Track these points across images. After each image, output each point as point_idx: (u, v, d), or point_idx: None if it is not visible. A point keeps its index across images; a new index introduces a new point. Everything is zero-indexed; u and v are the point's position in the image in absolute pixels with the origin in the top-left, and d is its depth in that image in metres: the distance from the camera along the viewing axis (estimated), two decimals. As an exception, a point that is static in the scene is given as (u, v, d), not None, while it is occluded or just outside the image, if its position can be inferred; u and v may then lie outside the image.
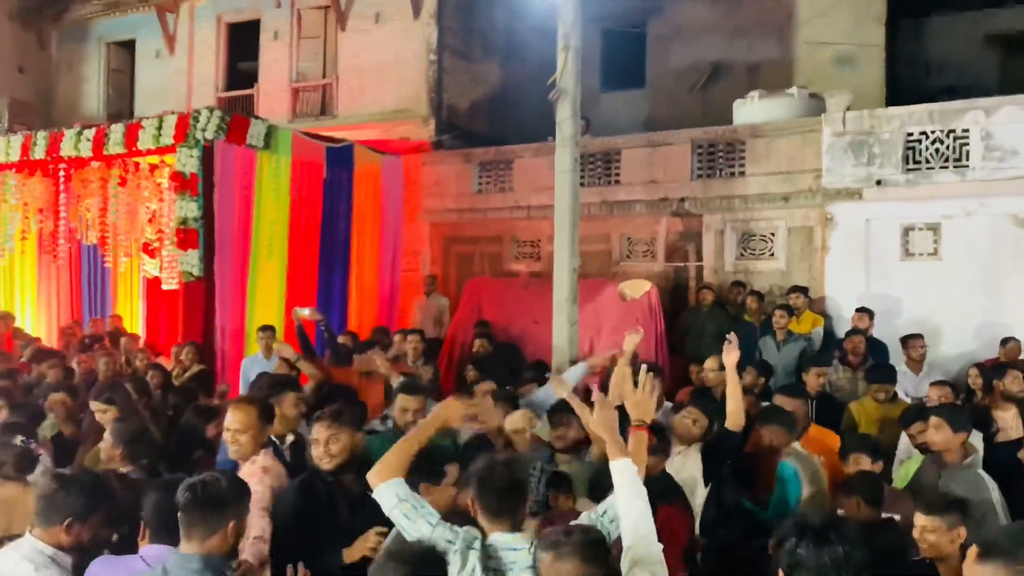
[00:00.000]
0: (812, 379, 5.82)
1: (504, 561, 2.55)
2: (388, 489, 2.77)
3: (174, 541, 2.64)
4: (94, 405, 4.77)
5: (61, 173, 9.98)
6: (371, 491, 2.83)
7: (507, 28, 12.93)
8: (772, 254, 8.88)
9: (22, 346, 8.46)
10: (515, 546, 2.57)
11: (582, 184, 8.69)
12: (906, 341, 6.87)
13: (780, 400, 4.81)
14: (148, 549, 2.75)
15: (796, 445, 4.42)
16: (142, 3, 14.40)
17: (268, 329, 7.67)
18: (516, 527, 2.63)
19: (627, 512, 2.65)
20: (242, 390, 6.91)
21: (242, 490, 2.72)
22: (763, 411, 4.59)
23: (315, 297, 8.96)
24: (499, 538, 2.59)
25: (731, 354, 4.30)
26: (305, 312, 7.01)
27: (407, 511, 2.71)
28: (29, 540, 2.79)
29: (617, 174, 9.73)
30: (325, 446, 3.26)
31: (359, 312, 9.78)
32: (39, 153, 9.20)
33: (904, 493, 4.11)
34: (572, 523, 2.68)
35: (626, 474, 2.69)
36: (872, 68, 11.05)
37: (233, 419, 3.51)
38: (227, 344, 8.09)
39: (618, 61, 13.68)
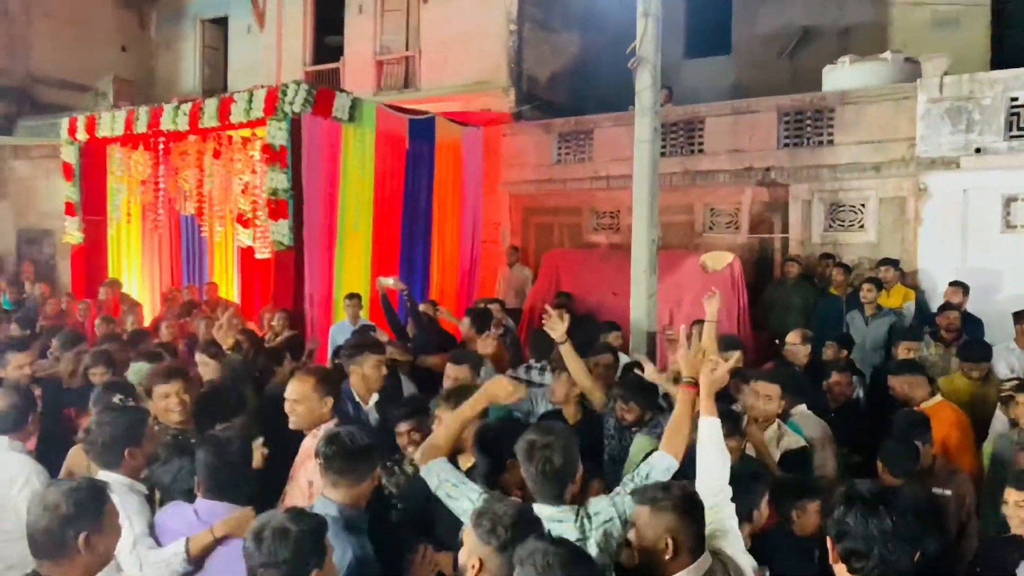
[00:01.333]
0: (902, 354, 5.67)
1: (551, 532, 2.53)
2: (430, 470, 2.86)
3: (226, 497, 2.80)
4: (199, 357, 5.03)
5: (160, 146, 10.55)
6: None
7: (585, -3, 12.79)
8: (862, 226, 8.58)
9: (126, 311, 8.99)
10: (560, 518, 2.59)
11: (663, 154, 8.61)
12: (1020, 316, 6.43)
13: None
14: (201, 503, 2.86)
15: (802, 407, 4.44)
16: (234, -20, 14.89)
17: (354, 297, 7.94)
18: (561, 500, 2.63)
19: (707, 467, 2.72)
20: (330, 355, 7.18)
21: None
22: (899, 363, 4.91)
23: (398, 266, 9.17)
24: (544, 510, 2.59)
25: (711, 303, 4.45)
26: (389, 281, 7.16)
27: (449, 490, 2.78)
28: (104, 475, 3.02)
29: (700, 143, 9.56)
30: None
31: (440, 282, 9.97)
32: (141, 127, 9.65)
33: (956, 469, 4.11)
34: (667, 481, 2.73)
35: (711, 431, 2.76)
36: (975, 29, 10.44)
37: (291, 389, 3.48)
38: (315, 311, 8.36)
39: (703, 27, 13.35)
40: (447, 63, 12.50)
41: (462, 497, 2.75)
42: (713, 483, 2.68)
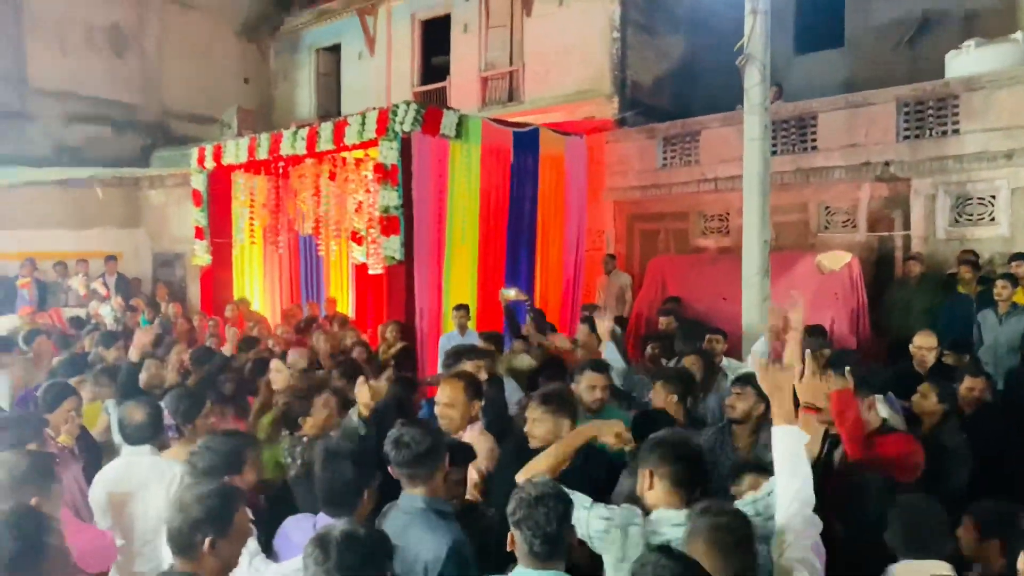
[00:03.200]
0: (1040, 355, 5.26)
1: (669, 536, 2.52)
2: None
3: (343, 512, 2.81)
4: (274, 364, 5.25)
5: (280, 171, 11.14)
6: None
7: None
8: (992, 218, 8.03)
9: (250, 327, 9.51)
10: (680, 521, 2.54)
11: (774, 152, 8.35)
12: None
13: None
14: (321, 517, 2.89)
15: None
16: (346, 9, 15.56)
17: (462, 308, 8.10)
18: (686, 503, 2.60)
19: (783, 487, 2.52)
20: (439, 366, 7.35)
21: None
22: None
23: (504, 277, 9.29)
24: (664, 514, 2.58)
25: (795, 312, 4.17)
26: (511, 292, 7.21)
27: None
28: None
29: (813, 139, 9.21)
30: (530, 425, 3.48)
31: (544, 291, 10.03)
32: (263, 154, 10.21)
33: None
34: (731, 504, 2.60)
35: (787, 442, 2.54)
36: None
37: (442, 393, 3.78)
38: (425, 323, 8.58)
39: (814, 21, 12.87)
40: (550, 74, 12.60)
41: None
42: (793, 502, 2.47)
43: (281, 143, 9.94)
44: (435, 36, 14.76)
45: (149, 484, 3.56)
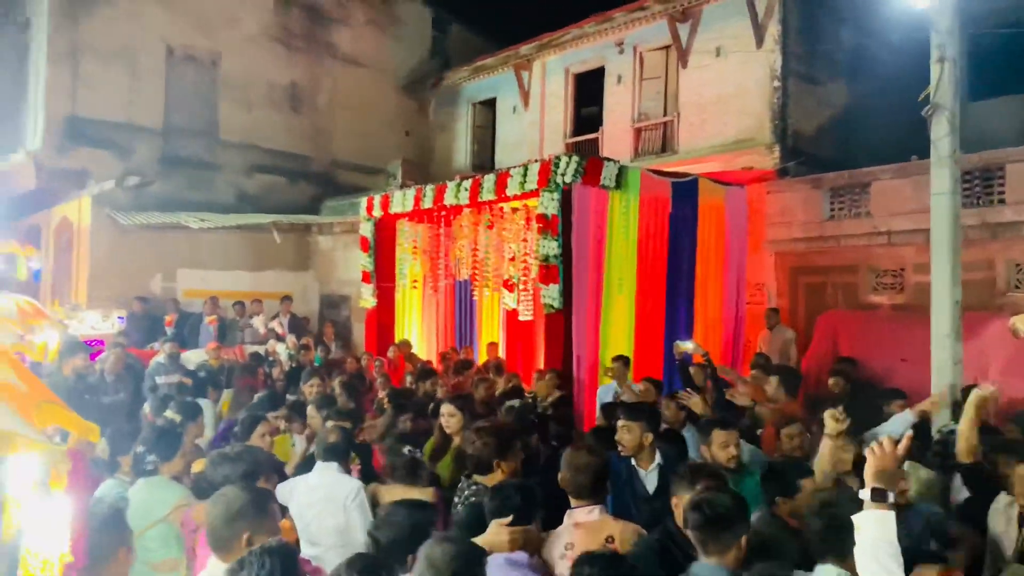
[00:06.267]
0: None
1: None
2: None
3: None
4: (445, 408, 5.41)
5: (442, 219, 11.63)
6: None
7: (854, 46, 12.24)
8: None
9: (412, 369, 9.87)
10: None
11: (957, 206, 7.86)
12: None
13: None
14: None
15: None
16: (502, 65, 16.19)
17: (621, 359, 8.06)
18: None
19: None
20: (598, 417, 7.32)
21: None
22: None
23: (663, 328, 9.19)
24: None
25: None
26: (689, 345, 7.09)
27: None
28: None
29: (1001, 192, 8.61)
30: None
31: (704, 344, 9.77)
32: (427, 203, 10.68)
33: None
34: None
35: (869, 529, 2.27)
36: None
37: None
38: (583, 372, 8.57)
39: (991, 66, 12.14)
40: (705, 124, 12.53)
41: None
42: None
43: (445, 193, 10.36)
44: (587, 88, 15.06)
45: (333, 492, 4.09)
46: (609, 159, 9.47)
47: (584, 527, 3.20)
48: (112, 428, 4.64)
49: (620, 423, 4.53)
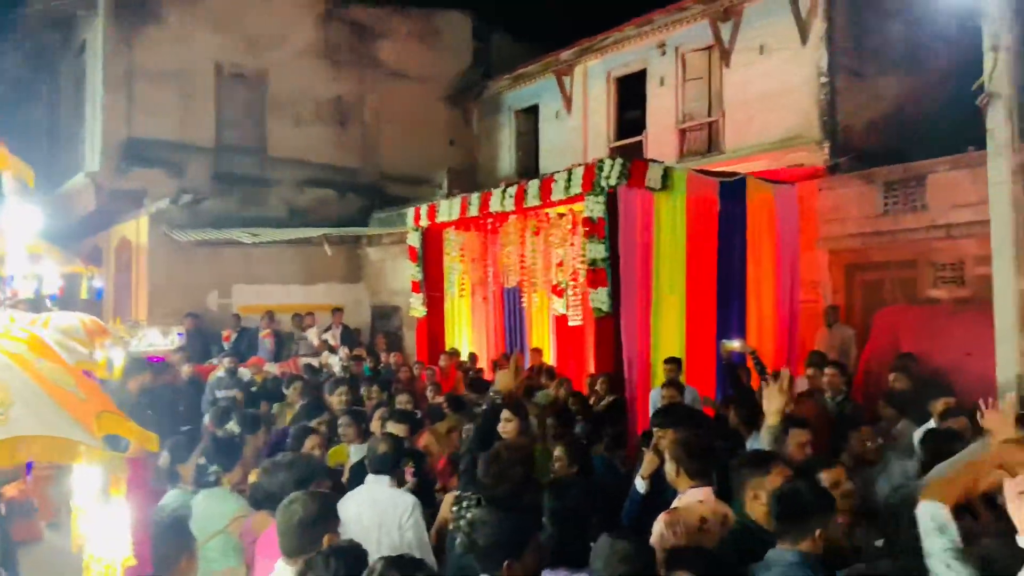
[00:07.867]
0: None
1: None
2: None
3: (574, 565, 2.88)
4: (505, 414, 5.39)
5: (488, 227, 11.69)
6: None
7: (903, 38, 11.92)
8: None
9: (461, 378, 9.92)
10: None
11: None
12: None
13: None
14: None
15: None
16: (543, 72, 16.22)
17: (673, 361, 7.99)
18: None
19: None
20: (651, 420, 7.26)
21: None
22: None
23: (714, 330, 9.06)
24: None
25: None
26: (736, 344, 7.01)
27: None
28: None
29: (1064, 180, 8.29)
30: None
31: (757, 344, 9.60)
32: (473, 211, 10.76)
33: None
34: None
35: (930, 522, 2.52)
36: None
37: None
38: (635, 375, 8.51)
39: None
40: (752, 123, 12.34)
41: None
42: None
43: (490, 201, 10.42)
44: (629, 91, 14.97)
45: (386, 511, 3.97)
46: (653, 160, 9.43)
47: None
48: (172, 439, 4.74)
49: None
